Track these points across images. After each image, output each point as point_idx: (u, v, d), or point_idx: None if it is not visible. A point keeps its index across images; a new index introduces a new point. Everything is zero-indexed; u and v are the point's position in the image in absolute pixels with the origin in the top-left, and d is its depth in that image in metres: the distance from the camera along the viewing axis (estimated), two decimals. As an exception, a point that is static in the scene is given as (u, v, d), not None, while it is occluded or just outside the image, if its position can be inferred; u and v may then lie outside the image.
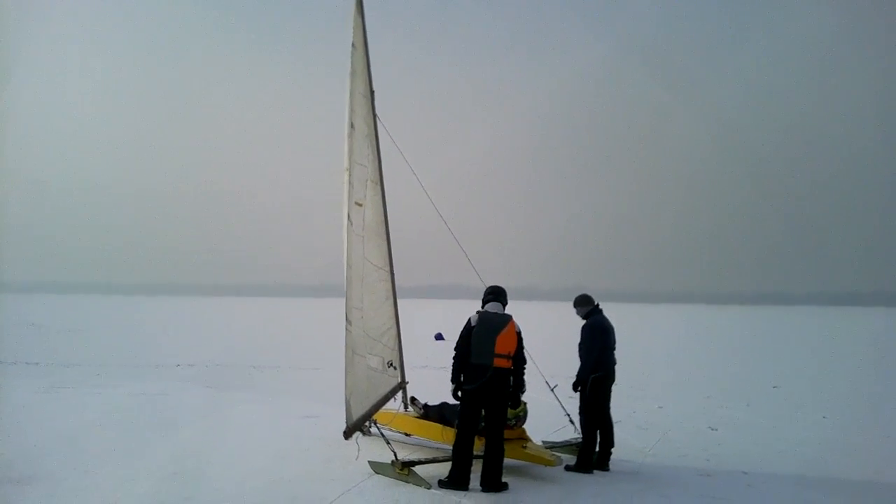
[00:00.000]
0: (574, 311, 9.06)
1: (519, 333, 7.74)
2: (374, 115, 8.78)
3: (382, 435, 8.32)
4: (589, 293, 9.04)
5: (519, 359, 7.70)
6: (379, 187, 8.61)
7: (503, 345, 7.51)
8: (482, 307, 7.93)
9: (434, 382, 14.52)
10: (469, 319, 7.69)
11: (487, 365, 7.43)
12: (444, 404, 9.08)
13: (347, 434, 8.95)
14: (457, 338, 7.71)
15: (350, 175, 9.20)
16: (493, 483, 7.33)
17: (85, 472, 7.81)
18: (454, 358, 7.69)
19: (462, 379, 7.62)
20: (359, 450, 8.44)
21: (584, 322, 8.85)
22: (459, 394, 7.68)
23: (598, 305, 8.94)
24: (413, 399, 9.50)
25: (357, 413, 8.73)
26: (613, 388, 8.73)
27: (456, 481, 7.38)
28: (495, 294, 8.00)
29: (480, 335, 7.53)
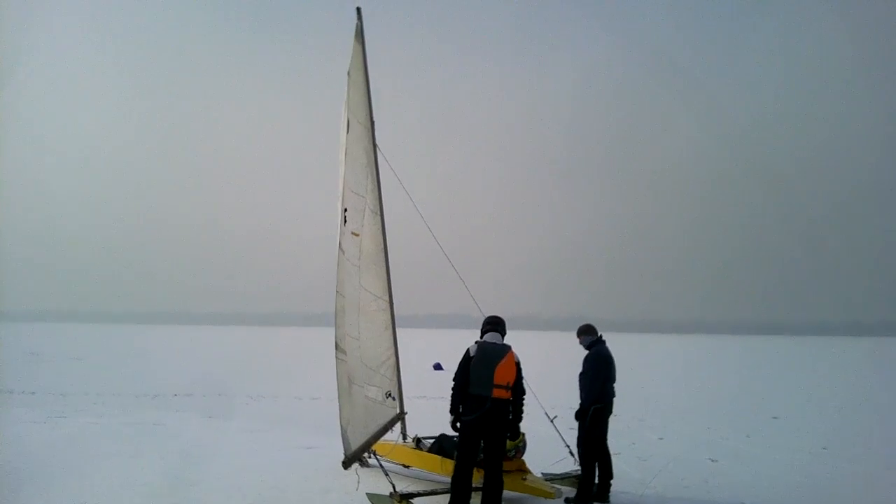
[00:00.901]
0: (577, 340, 9.06)
1: (518, 364, 7.70)
2: (375, 146, 8.82)
3: (381, 466, 8.27)
4: (591, 323, 9.04)
5: (518, 390, 7.66)
6: (378, 217, 8.64)
7: (502, 375, 7.47)
8: (481, 337, 7.91)
9: (432, 413, 14.46)
10: (468, 350, 7.65)
11: (486, 396, 7.38)
12: (442, 436, 9.04)
13: (346, 464, 8.93)
14: (455, 368, 7.68)
15: (344, 205, 9.26)
16: None
17: (83, 501, 7.75)
18: (453, 389, 7.64)
19: (461, 410, 7.59)
20: (358, 481, 8.39)
21: (586, 352, 8.84)
22: (458, 425, 7.64)
23: (600, 336, 8.94)
24: (417, 439, 9.44)
25: (355, 443, 8.70)
26: (613, 419, 8.70)
27: None
28: (493, 324, 7.96)
29: (479, 366, 7.49)
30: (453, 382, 7.65)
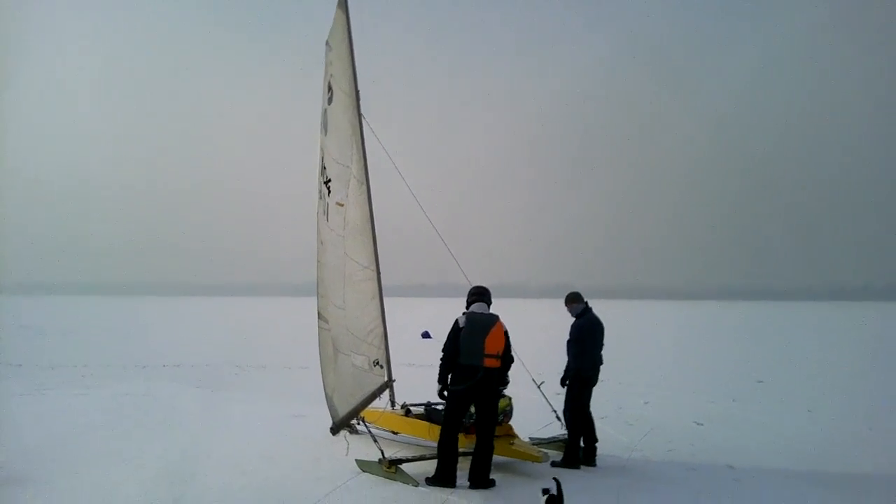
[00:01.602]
0: (565, 308, 9.10)
1: (506, 333, 7.76)
2: (360, 115, 8.75)
3: (370, 433, 8.33)
4: (578, 290, 9.07)
5: (507, 358, 7.74)
6: (364, 187, 8.58)
7: (492, 345, 7.53)
8: (467, 308, 7.94)
9: (420, 381, 14.51)
10: (456, 321, 7.68)
11: (478, 366, 7.44)
12: (428, 404, 9.11)
13: (334, 431, 9.02)
14: (444, 338, 7.71)
15: (327, 175, 9.23)
16: (481, 480, 7.36)
17: (74, 473, 7.77)
18: (442, 359, 7.68)
19: (450, 380, 7.64)
20: (347, 447, 8.47)
21: (573, 319, 8.90)
22: (445, 394, 7.70)
23: (587, 303, 8.99)
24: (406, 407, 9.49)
25: (342, 410, 8.77)
26: (600, 384, 8.79)
27: (443, 479, 7.40)
28: (479, 294, 8.00)
29: (469, 336, 7.53)
30: (442, 353, 7.69)
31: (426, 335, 30.03)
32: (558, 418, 9.05)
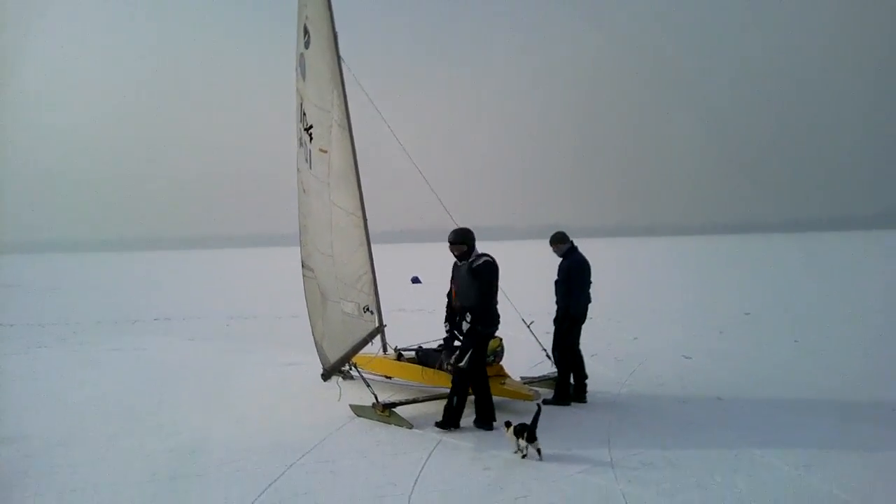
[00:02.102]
0: (551, 249, 9.11)
1: None
2: (339, 58, 8.58)
3: (363, 378, 8.40)
4: (564, 230, 9.08)
5: None
6: (347, 132, 8.45)
7: None
8: (471, 251, 7.79)
9: (411, 325, 14.63)
10: (495, 261, 7.60)
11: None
12: (426, 351, 9.14)
13: (325, 377, 9.10)
14: (432, 283, 7.72)
15: (307, 122, 9.09)
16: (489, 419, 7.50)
17: (69, 427, 7.83)
18: (484, 301, 7.50)
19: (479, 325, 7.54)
20: (340, 393, 8.54)
21: (560, 259, 8.92)
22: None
23: (573, 243, 9.00)
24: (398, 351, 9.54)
25: (333, 357, 8.82)
26: (589, 322, 8.86)
27: (488, 418, 7.49)
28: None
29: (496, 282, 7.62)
30: (483, 295, 7.48)
31: (416, 280, 30.15)
32: (548, 356, 9.14)
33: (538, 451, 6.30)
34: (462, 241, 7.77)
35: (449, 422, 7.40)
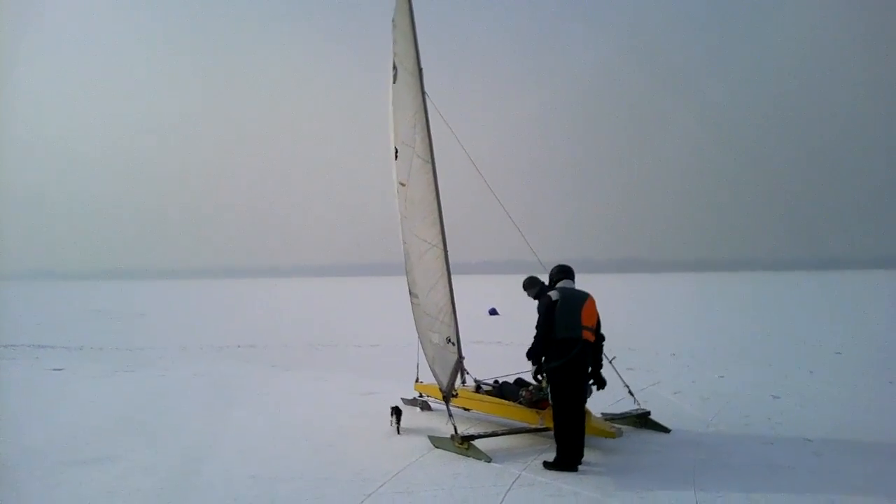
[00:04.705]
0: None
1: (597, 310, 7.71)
2: (423, 93, 8.75)
3: (448, 409, 8.38)
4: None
5: (599, 335, 7.69)
6: (429, 165, 8.60)
7: (588, 317, 7.45)
8: (551, 285, 7.93)
9: (489, 357, 14.59)
10: (549, 295, 7.56)
11: (576, 338, 7.32)
12: (504, 384, 9.12)
13: (447, 400, 8.78)
14: (509, 315, 7.69)
15: (397, 156, 9.28)
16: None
17: (154, 450, 8.09)
18: (536, 337, 7.55)
19: (544, 358, 7.54)
20: (398, 429, 8.56)
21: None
22: (539, 377, 7.73)
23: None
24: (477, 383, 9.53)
25: (443, 380, 8.76)
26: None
27: (564, 463, 7.18)
28: (566, 272, 8.04)
29: (564, 310, 7.43)
30: (536, 331, 7.56)
31: (493, 312, 30.03)
32: (630, 393, 8.97)
33: None
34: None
35: (560, 461, 7.20)
